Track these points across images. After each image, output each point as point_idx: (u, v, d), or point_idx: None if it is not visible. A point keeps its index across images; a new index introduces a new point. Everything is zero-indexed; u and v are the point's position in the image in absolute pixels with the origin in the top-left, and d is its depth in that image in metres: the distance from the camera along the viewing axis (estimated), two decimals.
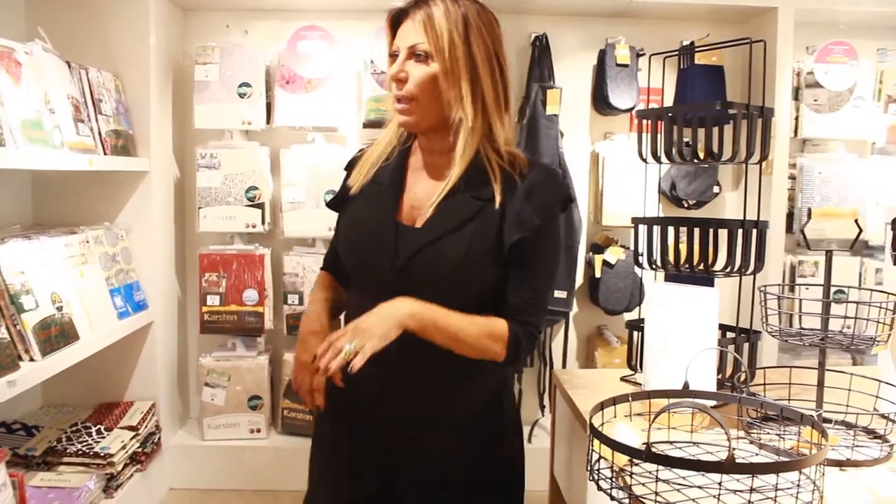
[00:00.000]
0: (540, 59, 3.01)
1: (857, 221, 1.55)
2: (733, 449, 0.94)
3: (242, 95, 2.84)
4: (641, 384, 1.78)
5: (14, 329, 1.83)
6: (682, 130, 1.72)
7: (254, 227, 2.88)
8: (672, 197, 3.09)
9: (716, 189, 3.11)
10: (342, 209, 1.44)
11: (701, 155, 1.73)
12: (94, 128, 2.37)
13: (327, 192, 2.86)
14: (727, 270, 1.69)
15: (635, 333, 1.91)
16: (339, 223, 1.45)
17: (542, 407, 3.14)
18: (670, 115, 1.75)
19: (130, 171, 2.66)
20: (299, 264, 2.93)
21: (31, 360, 1.86)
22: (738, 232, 1.67)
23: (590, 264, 3.08)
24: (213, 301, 2.88)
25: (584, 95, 3.13)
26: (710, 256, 1.69)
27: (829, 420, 1.45)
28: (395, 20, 1.32)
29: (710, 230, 1.69)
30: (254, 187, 2.87)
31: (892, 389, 1.42)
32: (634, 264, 1.90)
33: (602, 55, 3.03)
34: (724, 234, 1.69)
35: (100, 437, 2.42)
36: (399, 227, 1.31)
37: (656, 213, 1.97)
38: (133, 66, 2.68)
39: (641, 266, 1.83)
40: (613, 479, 1.07)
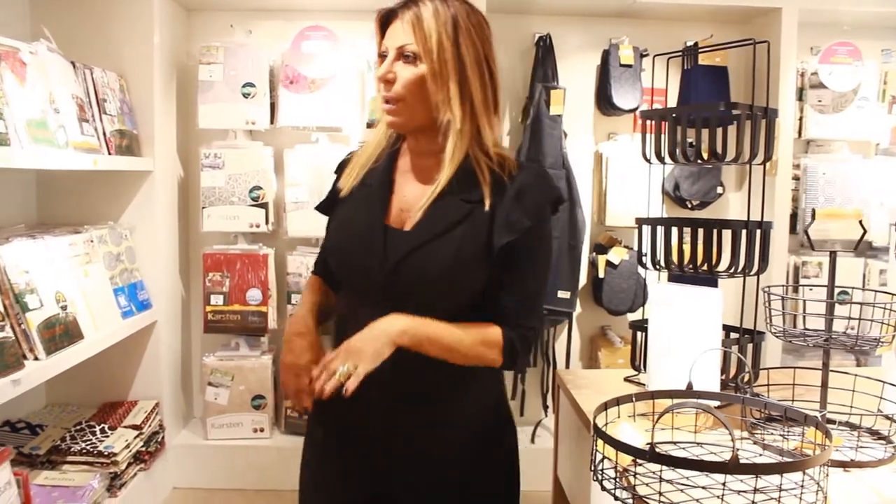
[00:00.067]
0: (543, 59, 3.01)
1: (861, 222, 1.55)
2: (737, 449, 0.94)
3: (246, 95, 2.85)
4: (645, 384, 1.78)
5: (18, 328, 1.84)
6: (685, 131, 1.72)
7: (257, 226, 2.88)
8: (675, 197, 3.09)
9: (719, 190, 3.11)
10: (332, 212, 1.43)
11: (704, 155, 1.73)
12: (98, 127, 2.38)
13: None
14: (731, 271, 1.69)
15: (639, 334, 1.91)
16: (329, 226, 1.43)
17: (545, 407, 3.14)
18: (674, 115, 1.74)
19: (134, 171, 2.67)
20: (303, 264, 2.93)
21: (36, 359, 1.87)
22: (742, 232, 1.67)
23: (593, 265, 3.08)
24: (217, 301, 2.89)
25: (587, 96, 3.13)
26: (714, 257, 1.70)
27: (833, 421, 1.45)
28: (385, 21, 1.30)
29: (714, 231, 1.69)
30: (257, 187, 2.87)
31: None
32: (638, 265, 1.90)
33: (606, 55, 3.03)
34: (727, 234, 1.69)
35: (104, 436, 2.43)
36: (388, 231, 1.30)
37: (660, 214, 1.97)
38: (137, 65, 2.68)
39: (645, 266, 1.83)
40: (617, 480, 1.07)
